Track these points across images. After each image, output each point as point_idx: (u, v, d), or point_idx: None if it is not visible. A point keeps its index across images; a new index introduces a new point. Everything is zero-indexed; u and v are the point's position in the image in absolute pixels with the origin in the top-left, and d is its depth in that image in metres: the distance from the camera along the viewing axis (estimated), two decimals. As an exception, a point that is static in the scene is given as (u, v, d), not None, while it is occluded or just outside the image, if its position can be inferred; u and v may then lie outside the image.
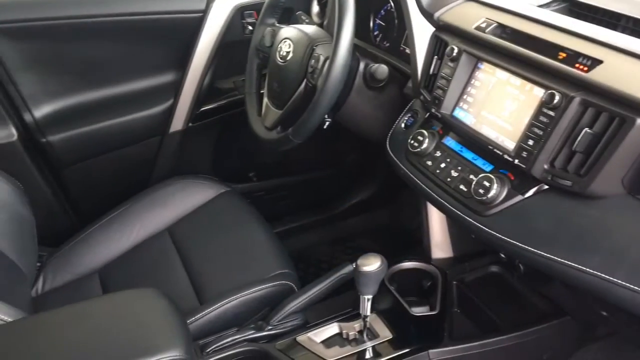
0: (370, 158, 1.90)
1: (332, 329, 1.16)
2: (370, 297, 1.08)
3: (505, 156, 0.95)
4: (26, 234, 1.38)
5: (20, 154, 1.48)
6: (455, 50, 1.06)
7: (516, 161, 0.93)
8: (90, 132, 1.55)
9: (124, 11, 1.47)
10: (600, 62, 0.86)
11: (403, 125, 1.18)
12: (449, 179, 1.02)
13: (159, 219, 1.48)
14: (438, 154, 1.07)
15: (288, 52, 1.28)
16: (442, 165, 1.05)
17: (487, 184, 0.94)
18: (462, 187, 1.00)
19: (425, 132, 1.09)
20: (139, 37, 1.53)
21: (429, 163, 1.07)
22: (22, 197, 1.37)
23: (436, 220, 1.28)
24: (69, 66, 1.51)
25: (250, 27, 1.60)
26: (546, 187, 0.91)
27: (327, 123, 1.26)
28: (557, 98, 0.87)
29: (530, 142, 0.91)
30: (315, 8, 1.57)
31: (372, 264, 1.04)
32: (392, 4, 1.38)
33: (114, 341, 0.93)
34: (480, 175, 0.96)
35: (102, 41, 1.51)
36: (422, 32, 1.16)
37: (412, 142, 1.10)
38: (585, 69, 0.87)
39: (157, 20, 1.51)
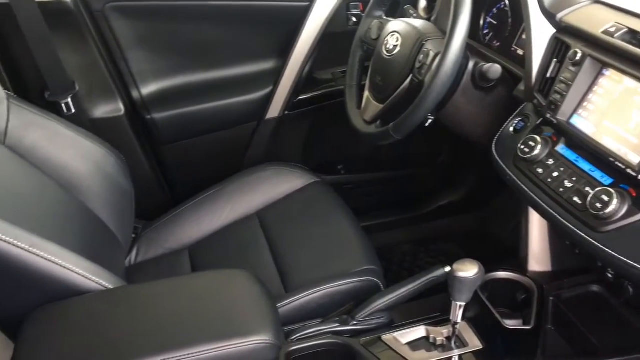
0: (464, 160, 1.85)
1: (418, 331, 1.13)
2: (463, 304, 1.04)
3: (629, 170, 0.88)
4: (125, 206, 1.44)
5: (125, 128, 1.54)
6: (579, 54, 1.00)
7: (640, 177, 0.86)
8: (191, 112, 1.60)
9: (236, -4, 1.50)
10: None
11: (512, 129, 1.12)
12: (561, 190, 0.97)
13: (249, 203, 1.51)
14: (550, 162, 1.01)
15: (395, 46, 1.26)
16: (555, 174, 0.99)
17: (605, 198, 0.88)
18: (576, 199, 0.94)
19: (537, 137, 1.04)
20: (246, 24, 1.56)
21: (540, 171, 1.02)
22: (125, 170, 1.43)
23: (536, 231, 1.22)
24: (177, 47, 1.57)
25: (354, 19, 1.59)
26: (672, 207, 0.84)
27: (429, 121, 1.23)
28: (695, 112, 0.80)
29: (659, 158, 0.84)
30: (423, 3, 1.53)
31: (469, 270, 1.00)
32: (507, 2, 1.32)
33: (208, 318, 0.94)
34: (598, 189, 0.90)
35: (211, 25, 1.55)
36: (541, 33, 1.10)
37: (522, 147, 1.05)
38: None
39: (265, 7, 1.53)
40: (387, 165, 1.86)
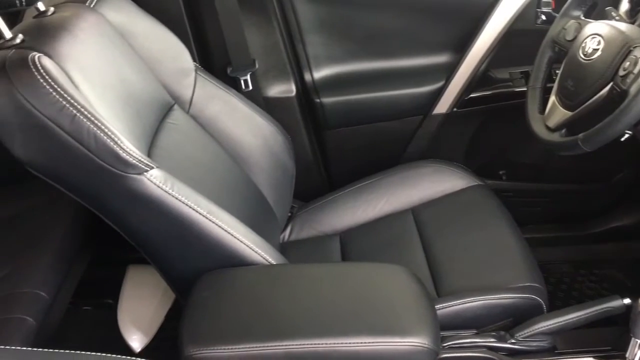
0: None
1: (584, 363, 1.04)
2: (646, 343, 0.93)
3: None
4: (286, 184, 1.48)
5: (294, 109, 1.58)
6: None
7: None
8: (359, 100, 1.59)
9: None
10: None
11: None
12: None
13: (405, 198, 1.48)
14: None
15: (595, 50, 1.14)
16: None
17: None
18: None
19: None
20: (426, 14, 1.53)
21: None
22: (290, 149, 1.47)
23: None
24: (353, 33, 1.57)
25: (543, 17, 1.48)
26: None
27: (626, 135, 1.10)
28: None
29: None
30: (625, 5, 1.38)
31: (659, 308, 0.90)
32: None
33: (367, 310, 0.94)
34: None
35: (389, 14, 1.53)
36: None
37: None
38: None
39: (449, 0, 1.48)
40: (554, 177, 1.72)
